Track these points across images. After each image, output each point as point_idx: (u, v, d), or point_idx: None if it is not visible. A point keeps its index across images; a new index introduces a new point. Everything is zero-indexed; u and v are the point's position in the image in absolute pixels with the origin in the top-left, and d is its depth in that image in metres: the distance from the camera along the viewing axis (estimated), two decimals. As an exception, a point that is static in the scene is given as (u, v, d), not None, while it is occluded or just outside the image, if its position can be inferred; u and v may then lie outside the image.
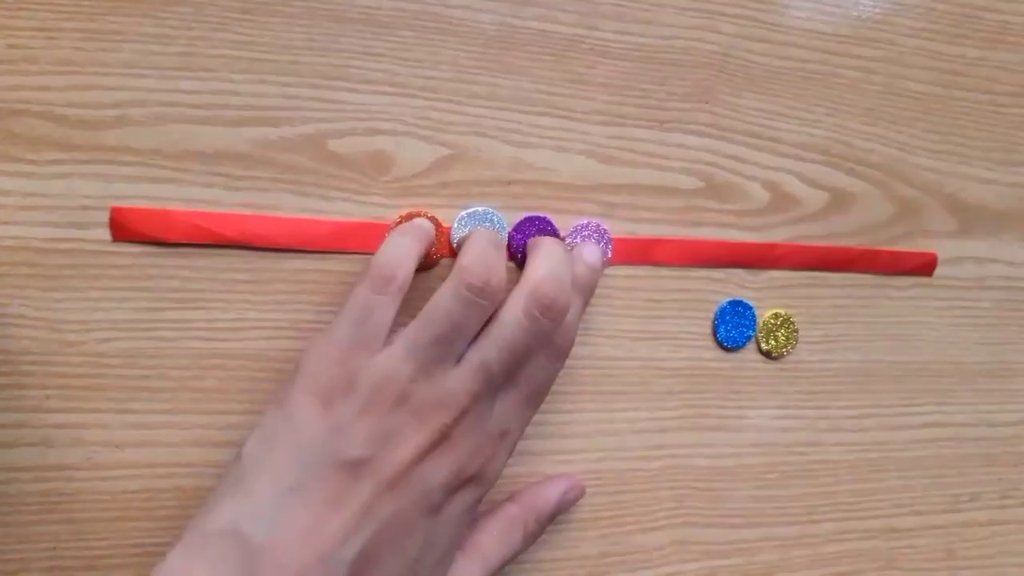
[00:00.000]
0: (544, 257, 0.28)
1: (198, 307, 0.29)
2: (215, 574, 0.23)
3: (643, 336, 0.34)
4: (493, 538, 0.29)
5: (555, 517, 0.32)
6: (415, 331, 0.26)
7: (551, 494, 0.31)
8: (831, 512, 0.37)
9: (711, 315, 0.35)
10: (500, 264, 0.27)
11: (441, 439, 0.26)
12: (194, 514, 0.25)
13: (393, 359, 0.26)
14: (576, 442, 0.34)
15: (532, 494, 0.31)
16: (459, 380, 0.26)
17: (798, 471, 0.37)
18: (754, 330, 0.35)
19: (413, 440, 0.25)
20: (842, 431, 0.37)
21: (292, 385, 0.26)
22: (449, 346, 0.26)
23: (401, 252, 0.27)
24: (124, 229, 0.28)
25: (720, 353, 0.35)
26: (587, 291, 0.31)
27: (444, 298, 0.26)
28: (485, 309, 0.26)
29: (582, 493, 0.33)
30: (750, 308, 0.34)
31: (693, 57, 0.33)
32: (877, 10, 0.36)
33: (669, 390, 0.35)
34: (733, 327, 0.34)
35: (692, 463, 0.35)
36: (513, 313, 0.26)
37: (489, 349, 0.26)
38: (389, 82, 0.30)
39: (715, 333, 0.35)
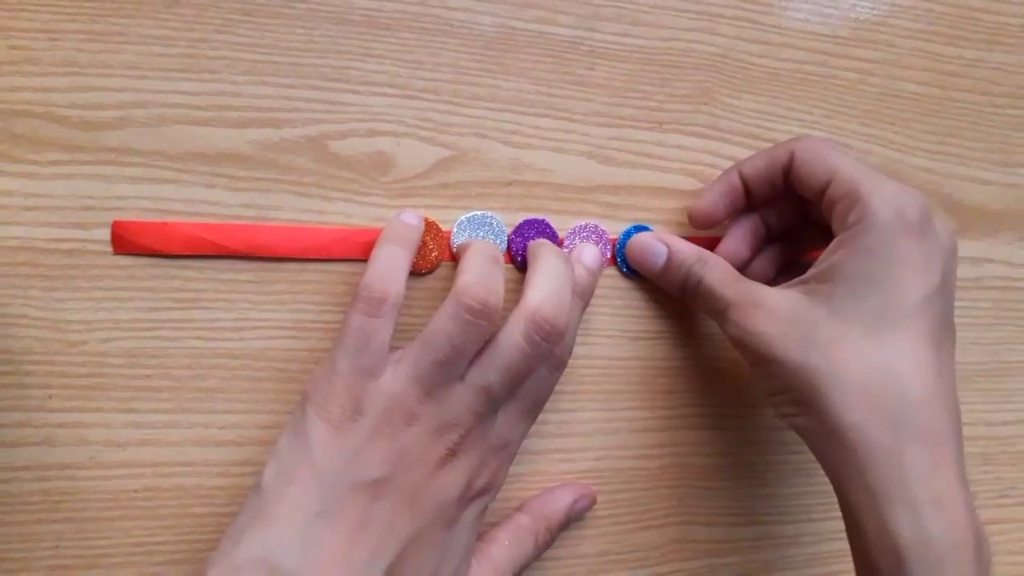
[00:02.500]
0: (543, 275, 0.28)
1: (200, 307, 0.29)
2: None
3: (643, 336, 0.34)
4: (505, 548, 0.30)
5: (567, 526, 0.32)
6: (416, 355, 0.26)
7: (560, 503, 0.32)
8: (830, 511, 0.37)
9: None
10: (498, 282, 0.27)
11: (450, 456, 0.26)
12: (218, 547, 0.25)
13: (399, 382, 0.26)
14: (576, 441, 0.34)
15: (541, 503, 0.32)
16: (463, 401, 0.26)
17: (797, 470, 0.37)
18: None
19: (425, 458, 0.26)
20: (840, 430, 0.37)
21: (303, 414, 0.26)
22: (451, 368, 0.26)
23: (389, 268, 0.27)
24: (125, 242, 0.28)
25: (719, 352, 0.35)
26: (586, 295, 0.31)
27: (443, 321, 0.26)
28: (485, 329, 0.26)
29: (593, 502, 0.33)
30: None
31: (692, 59, 0.34)
32: (874, 12, 0.36)
33: (668, 389, 0.35)
34: None
35: (691, 461, 0.35)
36: (513, 337, 0.27)
37: (490, 372, 0.27)
38: (390, 84, 0.30)
39: (616, 258, 0.33)
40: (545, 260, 0.29)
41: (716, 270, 0.30)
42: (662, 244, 0.32)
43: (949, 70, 0.37)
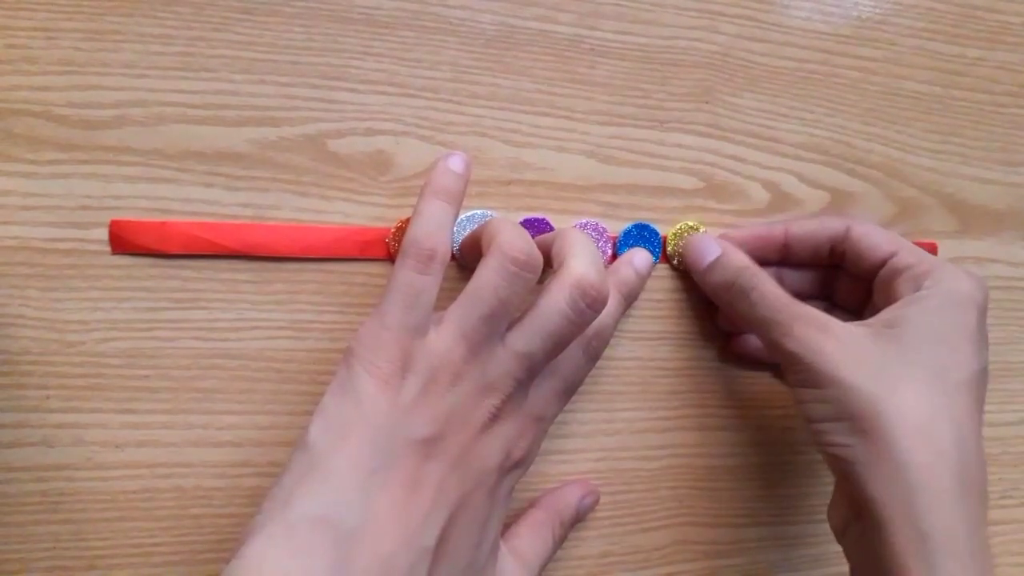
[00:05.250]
0: (580, 248, 0.28)
1: (198, 307, 0.29)
2: (306, 563, 0.22)
3: (643, 336, 0.34)
4: (528, 543, 0.30)
5: (577, 523, 0.32)
6: (463, 310, 0.26)
7: (570, 499, 0.32)
8: (831, 512, 0.37)
9: (711, 314, 0.35)
10: (532, 241, 0.27)
11: (492, 420, 0.26)
12: (261, 510, 0.24)
13: (445, 340, 0.25)
14: (576, 442, 0.34)
15: (553, 499, 0.32)
16: (504, 366, 0.26)
17: (799, 470, 0.37)
18: (659, 254, 0.34)
19: (470, 420, 0.26)
20: (842, 431, 0.37)
21: (349, 370, 0.25)
22: (496, 324, 0.26)
23: (437, 224, 0.26)
24: (124, 242, 0.28)
25: (720, 352, 0.35)
26: (630, 297, 0.32)
27: (489, 275, 0.26)
28: (529, 283, 0.26)
29: (598, 499, 0.33)
30: (656, 233, 0.33)
31: (693, 57, 0.34)
32: (877, 10, 0.36)
33: (669, 390, 0.35)
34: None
35: (693, 463, 0.35)
36: (557, 303, 0.26)
37: (533, 338, 0.26)
38: (389, 82, 0.30)
39: (617, 255, 0.33)
40: (574, 235, 0.28)
41: (772, 283, 0.30)
42: (717, 245, 0.32)
43: (951, 69, 0.37)
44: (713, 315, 0.35)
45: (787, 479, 0.36)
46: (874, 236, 0.32)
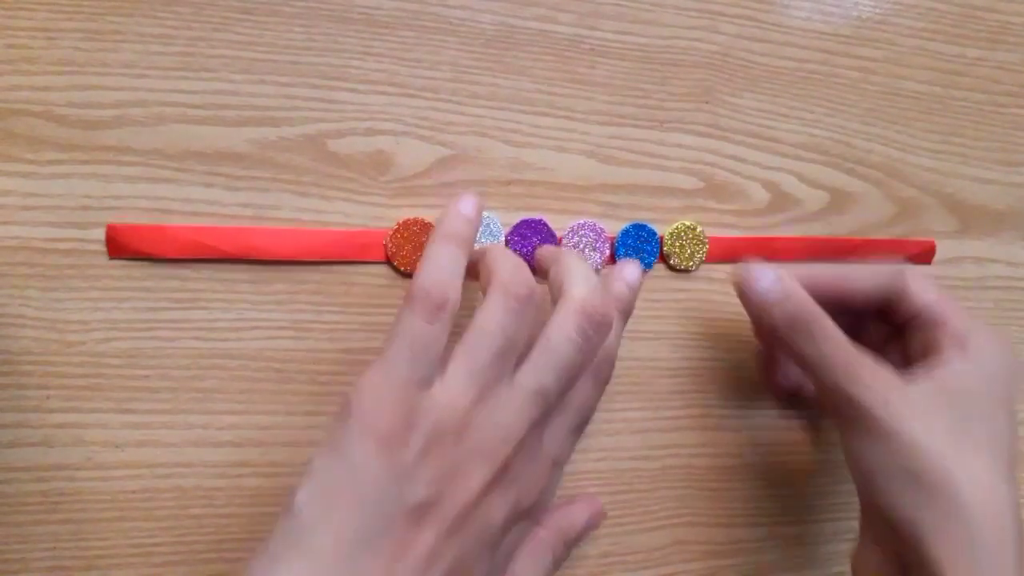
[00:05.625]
0: (577, 272, 0.27)
1: (198, 307, 0.29)
2: None
3: (643, 336, 0.34)
4: (526, 564, 0.28)
5: (580, 542, 0.31)
6: (470, 354, 0.25)
7: (577, 519, 0.31)
8: (832, 511, 0.37)
9: (711, 314, 0.35)
10: (531, 274, 0.26)
11: (502, 472, 0.25)
12: (247, 567, 0.23)
13: (453, 389, 0.24)
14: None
15: (559, 516, 0.30)
16: (518, 407, 0.25)
17: (798, 471, 0.37)
18: (656, 254, 0.33)
19: (476, 476, 0.24)
20: (842, 431, 0.37)
21: (345, 427, 0.23)
22: (505, 363, 0.25)
23: (448, 272, 0.25)
24: (121, 247, 0.28)
25: (719, 353, 0.35)
26: (627, 311, 0.31)
27: (494, 314, 0.25)
28: (532, 318, 0.25)
29: (603, 518, 0.32)
30: (653, 233, 0.33)
31: (693, 57, 0.34)
32: (877, 10, 0.36)
33: (670, 390, 0.35)
34: (633, 250, 0.33)
35: (693, 463, 0.35)
36: (565, 333, 0.25)
37: (546, 374, 0.25)
38: (389, 82, 0.30)
39: (615, 256, 0.33)
40: (570, 259, 0.28)
41: (832, 323, 0.29)
42: (777, 276, 0.30)
43: (951, 69, 0.37)
44: (711, 316, 0.35)
45: (787, 479, 0.36)
46: (929, 299, 0.30)
